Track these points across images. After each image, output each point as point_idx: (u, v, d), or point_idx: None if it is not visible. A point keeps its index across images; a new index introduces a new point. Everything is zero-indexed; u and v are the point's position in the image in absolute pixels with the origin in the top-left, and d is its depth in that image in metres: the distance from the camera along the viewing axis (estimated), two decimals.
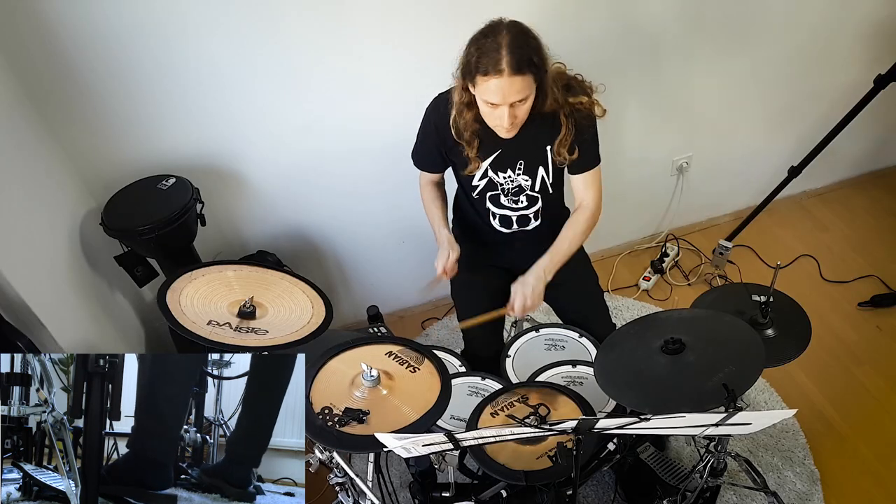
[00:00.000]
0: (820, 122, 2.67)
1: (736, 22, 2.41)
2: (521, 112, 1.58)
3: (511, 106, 1.54)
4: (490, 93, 1.52)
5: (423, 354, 1.50)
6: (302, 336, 1.42)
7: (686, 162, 2.80)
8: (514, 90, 1.51)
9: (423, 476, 1.71)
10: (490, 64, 1.48)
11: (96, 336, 1.87)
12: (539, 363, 1.81)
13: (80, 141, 1.95)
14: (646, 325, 1.64)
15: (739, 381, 1.40)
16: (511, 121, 1.57)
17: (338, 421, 1.33)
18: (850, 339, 2.54)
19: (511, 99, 1.52)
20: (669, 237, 3.04)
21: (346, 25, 1.97)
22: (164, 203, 1.90)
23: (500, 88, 1.50)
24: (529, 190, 1.82)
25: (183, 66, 1.91)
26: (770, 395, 2.38)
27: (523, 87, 1.51)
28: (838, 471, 2.13)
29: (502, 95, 1.51)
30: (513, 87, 1.50)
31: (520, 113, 1.58)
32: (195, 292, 1.46)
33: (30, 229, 1.67)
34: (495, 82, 1.49)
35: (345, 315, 2.76)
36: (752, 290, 1.75)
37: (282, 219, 2.37)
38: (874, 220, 3.08)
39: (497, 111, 1.57)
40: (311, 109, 2.12)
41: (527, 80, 1.50)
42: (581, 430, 1.22)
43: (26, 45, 1.74)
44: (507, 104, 1.53)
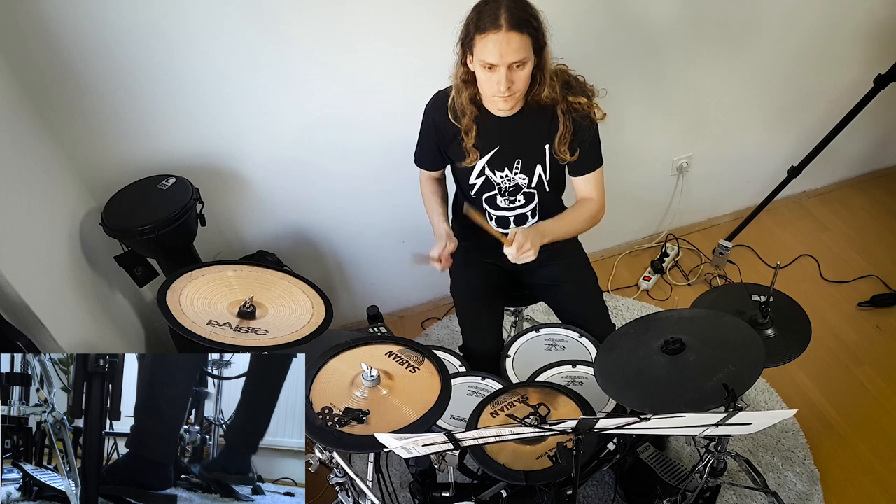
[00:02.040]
0: (820, 122, 2.67)
1: (736, 22, 2.42)
2: (518, 79, 1.57)
3: (508, 69, 1.54)
4: (488, 51, 1.51)
5: (423, 354, 1.50)
6: (302, 336, 1.42)
7: (686, 162, 2.80)
8: (511, 48, 1.50)
9: (423, 476, 1.71)
10: (488, 20, 1.49)
11: (96, 336, 1.87)
12: (539, 363, 1.81)
13: (81, 141, 1.96)
14: (646, 325, 1.64)
15: (739, 381, 1.40)
16: (508, 85, 1.55)
17: (338, 421, 1.33)
18: (850, 339, 2.54)
19: (509, 58, 1.51)
20: (669, 237, 3.04)
21: (346, 25, 1.97)
22: (164, 203, 1.90)
23: (497, 45, 1.49)
24: (526, 188, 1.82)
25: (183, 66, 1.91)
26: (770, 395, 2.38)
27: (521, 47, 1.51)
28: (838, 471, 2.13)
29: (500, 53, 1.50)
30: (510, 44, 1.49)
31: (517, 79, 1.57)
32: (195, 292, 1.46)
33: (30, 229, 1.67)
34: (493, 38, 1.49)
35: (345, 315, 2.76)
36: (752, 290, 1.75)
37: (282, 219, 2.37)
38: (874, 220, 3.08)
39: (494, 76, 1.55)
40: (312, 109, 2.12)
41: (524, 40, 1.50)
42: (581, 430, 1.22)
43: (26, 44, 1.74)
44: (504, 65, 1.52)
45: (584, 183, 1.81)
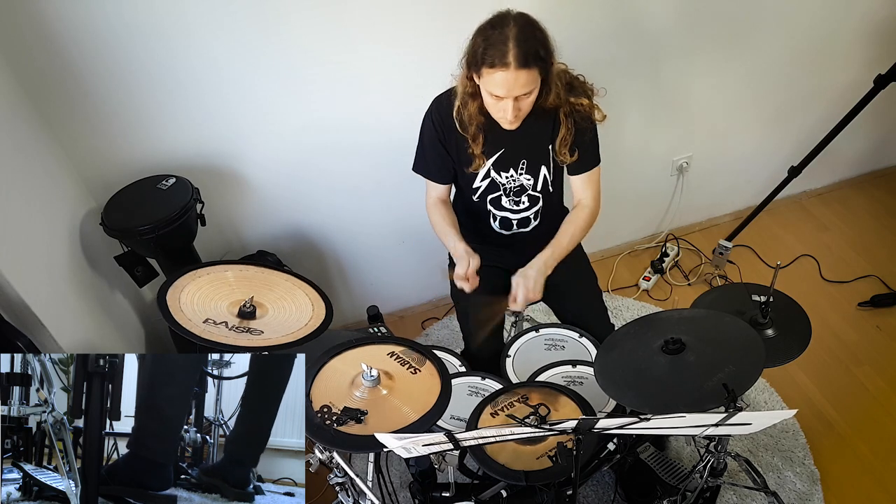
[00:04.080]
0: (820, 122, 2.67)
1: (736, 22, 2.41)
2: (524, 105, 1.59)
3: (515, 99, 1.55)
4: (495, 85, 1.52)
5: (424, 355, 1.49)
6: (296, 339, 1.40)
7: (686, 162, 2.80)
8: (519, 84, 1.50)
9: (423, 476, 1.71)
10: (497, 56, 1.48)
11: (96, 336, 1.87)
12: (539, 363, 1.81)
13: (81, 141, 1.95)
14: (646, 325, 1.64)
15: (739, 381, 1.40)
16: (515, 114, 1.58)
17: (336, 420, 1.33)
18: (850, 339, 2.54)
19: (516, 92, 1.52)
20: (669, 237, 3.04)
21: (346, 25, 1.97)
22: (164, 203, 1.90)
23: (505, 81, 1.50)
24: (531, 190, 1.82)
25: (183, 66, 1.91)
26: (770, 395, 2.38)
27: (528, 81, 1.51)
28: (838, 471, 2.13)
29: (507, 89, 1.51)
30: (518, 80, 1.50)
31: (524, 106, 1.59)
32: (197, 290, 1.45)
33: (30, 229, 1.67)
34: (501, 75, 1.49)
35: (345, 315, 2.76)
36: (752, 290, 1.75)
37: (282, 219, 2.37)
38: (874, 220, 3.08)
39: (501, 103, 1.57)
40: (312, 109, 2.12)
41: (532, 74, 1.50)
42: (581, 430, 1.22)
43: (26, 44, 1.74)
44: (511, 97, 1.54)
45: (580, 182, 1.82)
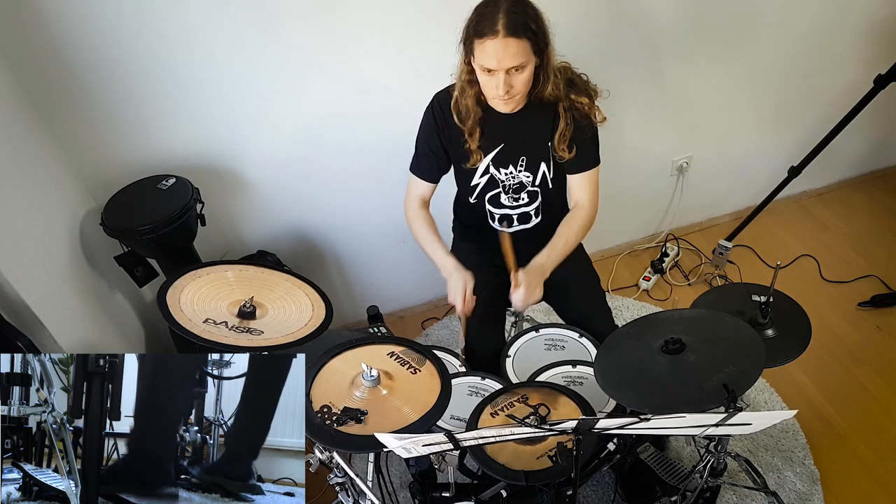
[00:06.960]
0: (820, 122, 2.67)
1: (736, 22, 2.42)
2: (517, 82, 1.57)
3: (507, 73, 1.53)
4: (486, 56, 1.52)
5: (424, 356, 1.49)
6: (296, 339, 1.40)
7: (686, 162, 2.80)
8: (508, 54, 1.50)
9: (423, 476, 1.71)
10: (487, 26, 1.49)
11: (96, 336, 1.87)
12: (539, 363, 1.81)
13: (81, 141, 1.95)
14: (646, 325, 1.64)
15: (739, 381, 1.40)
16: (506, 89, 1.56)
17: (335, 420, 1.33)
18: (850, 339, 2.54)
19: (506, 63, 1.51)
20: (669, 237, 3.04)
21: (346, 26, 1.97)
22: (164, 203, 1.90)
23: (495, 51, 1.49)
24: (530, 186, 1.82)
25: (184, 66, 1.91)
26: (770, 395, 2.38)
27: (518, 52, 1.50)
28: (838, 471, 2.13)
29: (497, 59, 1.50)
30: (508, 49, 1.49)
31: (516, 83, 1.57)
32: (197, 290, 1.45)
33: (30, 229, 1.67)
34: (491, 44, 1.49)
35: (345, 315, 2.76)
36: (752, 290, 1.75)
37: (282, 219, 2.37)
38: (874, 220, 3.08)
39: (493, 79, 1.56)
40: (312, 109, 2.12)
41: (522, 44, 1.50)
42: (581, 430, 1.22)
43: (26, 44, 1.74)
44: (502, 69, 1.52)
45: (578, 182, 1.81)
